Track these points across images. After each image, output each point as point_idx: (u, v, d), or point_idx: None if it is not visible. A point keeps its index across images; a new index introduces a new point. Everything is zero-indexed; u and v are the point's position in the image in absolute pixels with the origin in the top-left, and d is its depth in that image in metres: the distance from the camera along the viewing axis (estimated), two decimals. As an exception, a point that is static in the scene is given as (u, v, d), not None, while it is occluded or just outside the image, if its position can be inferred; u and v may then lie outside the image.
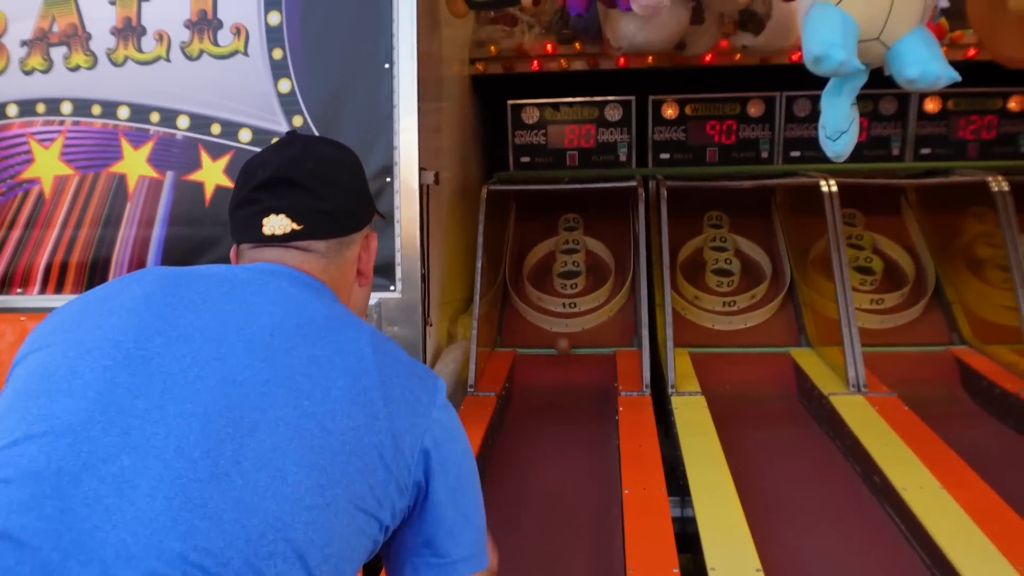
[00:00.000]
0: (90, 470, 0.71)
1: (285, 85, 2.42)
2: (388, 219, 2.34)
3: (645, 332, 2.89)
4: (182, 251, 2.43)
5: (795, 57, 3.56)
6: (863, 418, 2.39)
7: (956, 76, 1.77)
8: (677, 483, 2.14)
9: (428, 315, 2.52)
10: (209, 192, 2.43)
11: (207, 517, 0.71)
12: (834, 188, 3.09)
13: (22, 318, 2.46)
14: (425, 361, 2.48)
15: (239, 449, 0.74)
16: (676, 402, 2.60)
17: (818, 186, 3.12)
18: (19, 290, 2.52)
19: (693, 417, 2.48)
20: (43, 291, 2.50)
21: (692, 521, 1.88)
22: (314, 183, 0.98)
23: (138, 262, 2.46)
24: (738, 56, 3.69)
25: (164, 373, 0.78)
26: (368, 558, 0.85)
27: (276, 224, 0.96)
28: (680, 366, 2.82)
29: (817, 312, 3.14)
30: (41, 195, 2.56)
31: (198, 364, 0.79)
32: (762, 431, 2.60)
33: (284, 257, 0.97)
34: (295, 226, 0.96)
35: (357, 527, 0.79)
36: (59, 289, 2.51)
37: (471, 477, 0.94)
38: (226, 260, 1.02)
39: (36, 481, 0.71)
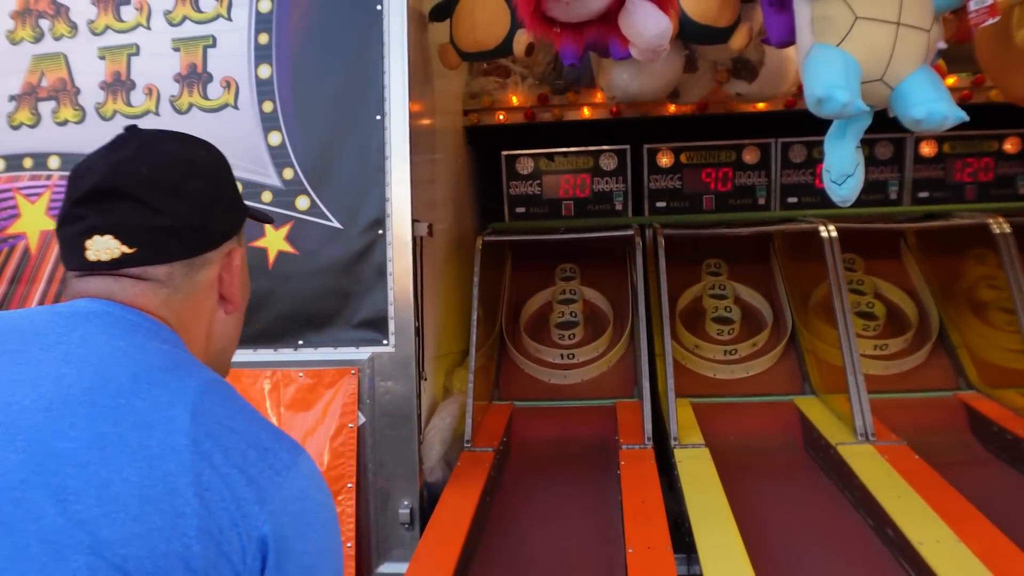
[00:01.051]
0: None
1: (275, 138, 2.43)
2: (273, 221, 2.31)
3: (646, 383, 2.86)
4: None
5: (791, 104, 3.60)
6: (873, 468, 2.35)
7: (964, 116, 1.75)
8: (683, 540, 2.09)
9: (423, 369, 2.50)
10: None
11: None
12: (834, 233, 3.09)
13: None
14: (420, 417, 2.44)
15: None
16: (679, 455, 2.56)
17: (817, 232, 3.12)
18: (2, 349, 2.50)
19: (697, 470, 2.44)
20: (27, 350, 2.48)
21: (700, 581, 1.83)
22: (150, 193, 0.81)
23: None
24: (732, 104, 3.72)
25: None
26: None
27: (101, 247, 0.78)
28: (682, 417, 2.78)
29: (820, 359, 3.11)
30: (27, 250, 2.56)
31: None
32: (769, 483, 2.56)
33: (113, 290, 0.80)
34: (125, 249, 0.79)
35: None
36: (43, 348, 2.49)
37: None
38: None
39: None
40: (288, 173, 2.43)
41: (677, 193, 3.85)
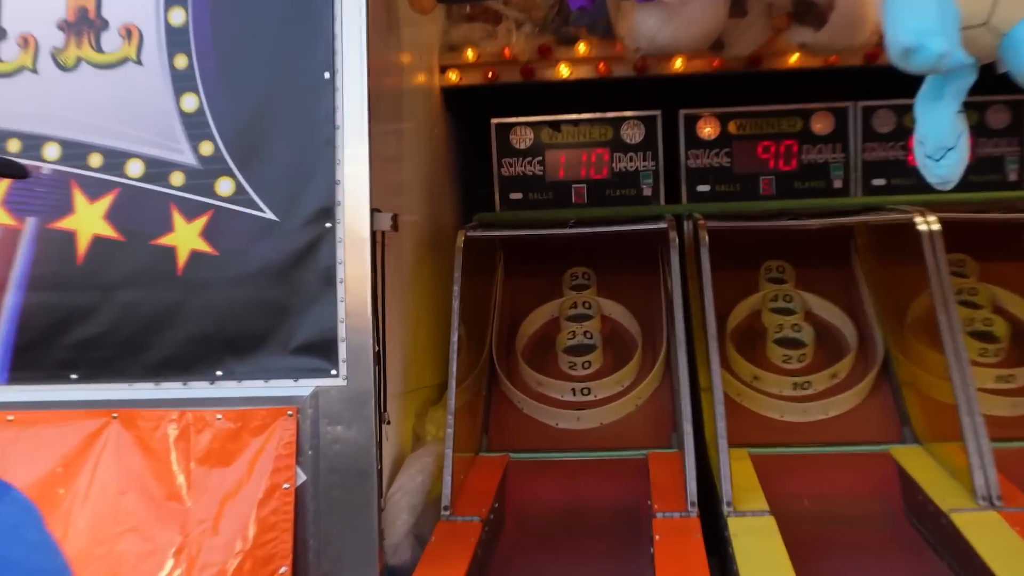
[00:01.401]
0: None
1: (191, 102, 2.42)
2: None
3: (688, 428, 2.82)
4: (45, 325, 2.38)
5: (872, 57, 3.59)
6: (1000, 544, 2.31)
7: None
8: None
9: (384, 409, 2.46)
10: (84, 245, 2.40)
11: None
12: (935, 226, 3.05)
13: None
14: (381, 474, 2.40)
15: None
16: (735, 526, 2.51)
17: (912, 224, 3.08)
18: None
19: (759, 547, 2.40)
20: None
21: None
22: None
23: (-20, 343, 2.39)
24: (796, 57, 3.70)
25: None
26: None
27: None
28: (739, 474, 2.73)
29: (924, 395, 3.06)
30: None
31: None
32: (857, 565, 2.52)
33: None
34: None
35: None
36: None
37: None
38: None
39: None
40: (206, 148, 2.41)
41: (725, 173, 3.85)
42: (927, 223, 3.07)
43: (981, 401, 2.75)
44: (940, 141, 1.98)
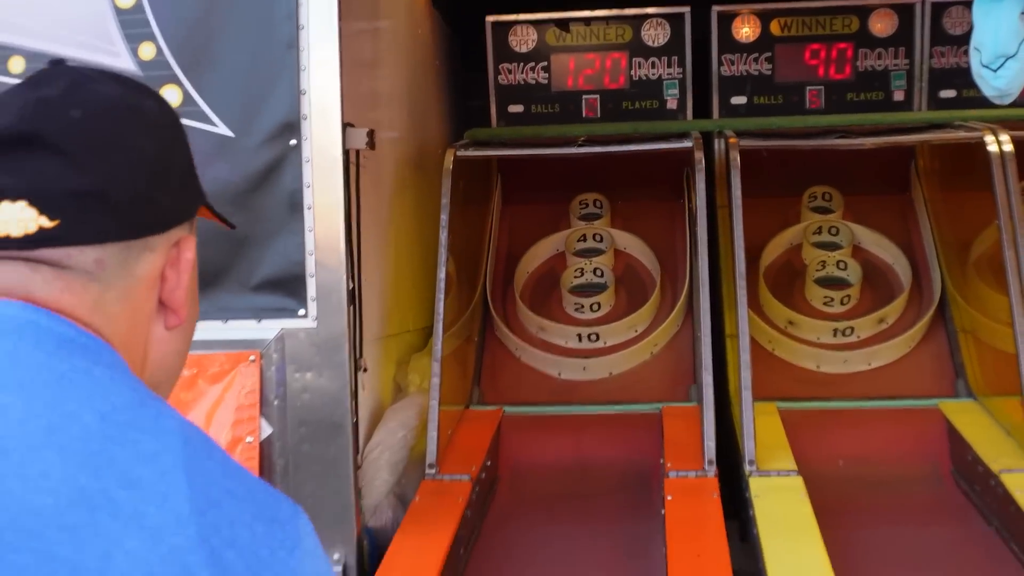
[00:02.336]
0: None
1: None
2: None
3: (708, 379, 2.91)
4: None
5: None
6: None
7: None
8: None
9: (360, 355, 2.56)
10: None
11: None
12: (1007, 147, 3.11)
13: None
14: (357, 427, 2.50)
15: None
16: (757, 486, 2.62)
17: (983, 144, 3.14)
18: None
19: (785, 510, 2.49)
20: None
21: None
22: (79, 145, 0.87)
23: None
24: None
25: None
26: None
27: (12, 218, 0.84)
28: (764, 431, 2.83)
29: (983, 343, 3.16)
30: None
31: None
32: (898, 531, 2.60)
33: (30, 284, 0.86)
34: (44, 222, 0.84)
35: None
36: None
37: None
38: None
39: None
40: (147, 50, 2.45)
41: (765, 83, 3.85)
42: (998, 143, 3.11)
43: (1048, 351, 2.85)
44: (999, 48, 2.04)
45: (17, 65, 2.49)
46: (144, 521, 0.74)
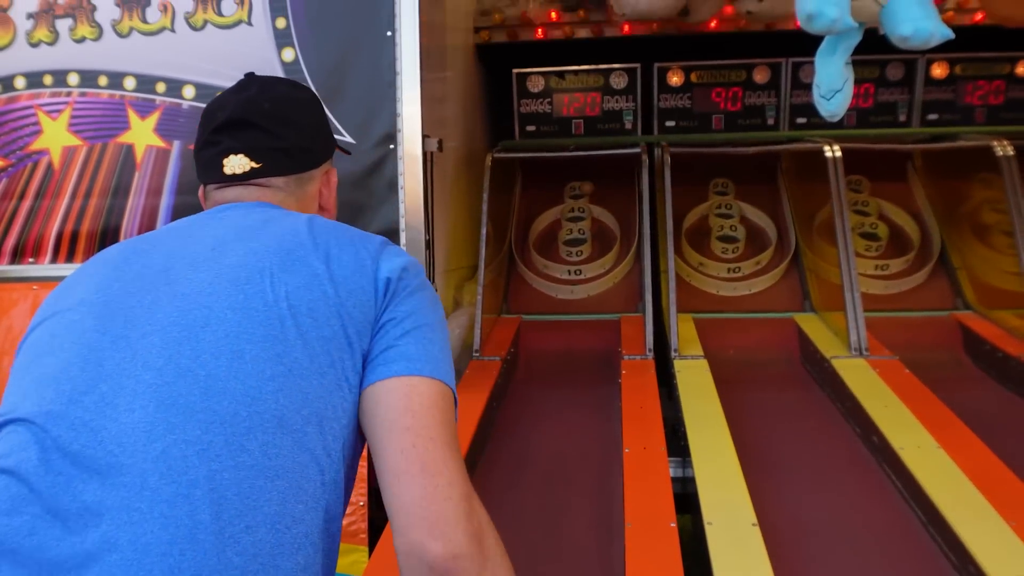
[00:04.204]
0: (74, 404, 0.79)
1: (289, 54, 2.42)
2: (355, 153, 2.33)
3: (648, 297, 2.91)
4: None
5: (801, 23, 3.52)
6: (864, 380, 2.39)
7: (949, 34, 1.75)
8: (678, 444, 2.16)
9: (433, 281, 2.54)
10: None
11: (180, 412, 0.76)
12: (838, 153, 3.06)
13: (34, 287, 2.49)
14: None
15: (196, 346, 0.80)
16: (679, 365, 2.62)
17: (822, 151, 3.09)
18: (31, 259, 2.55)
19: (695, 380, 2.49)
20: (54, 260, 2.54)
21: (692, 482, 1.90)
22: (270, 122, 1.03)
23: (147, 230, 2.43)
24: (743, 22, 3.66)
25: (123, 308, 0.85)
26: (357, 411, 0.86)
27: (236, 164, 1.01)
28: (684, 331, 2.83)
29: (821, 278, 3.14)
30: (50, 166, 2.58)
31: (151, 292, 0.86)
32: (764, 394, 2.61)
33: (243, 195, 1.02)
34: (254, 164, 1.02)
35: (329, 382, 0.82)
36: (70, 258, 2.54)
37: (434, 312, 0.93)
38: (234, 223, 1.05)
39: (29, 427, 0.80)
40: None
41: (687, 112, 3.82)
42: (832, 151, 3.09)
43: (861, 283, 2.83)
44: (831, 85, 1.97)
45: (189, 92, 2.46)
46: (281, 248, 0.89)
